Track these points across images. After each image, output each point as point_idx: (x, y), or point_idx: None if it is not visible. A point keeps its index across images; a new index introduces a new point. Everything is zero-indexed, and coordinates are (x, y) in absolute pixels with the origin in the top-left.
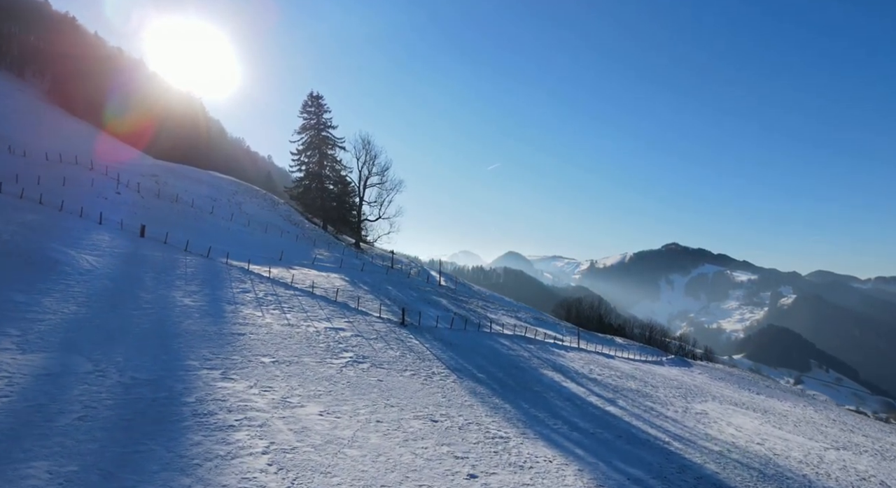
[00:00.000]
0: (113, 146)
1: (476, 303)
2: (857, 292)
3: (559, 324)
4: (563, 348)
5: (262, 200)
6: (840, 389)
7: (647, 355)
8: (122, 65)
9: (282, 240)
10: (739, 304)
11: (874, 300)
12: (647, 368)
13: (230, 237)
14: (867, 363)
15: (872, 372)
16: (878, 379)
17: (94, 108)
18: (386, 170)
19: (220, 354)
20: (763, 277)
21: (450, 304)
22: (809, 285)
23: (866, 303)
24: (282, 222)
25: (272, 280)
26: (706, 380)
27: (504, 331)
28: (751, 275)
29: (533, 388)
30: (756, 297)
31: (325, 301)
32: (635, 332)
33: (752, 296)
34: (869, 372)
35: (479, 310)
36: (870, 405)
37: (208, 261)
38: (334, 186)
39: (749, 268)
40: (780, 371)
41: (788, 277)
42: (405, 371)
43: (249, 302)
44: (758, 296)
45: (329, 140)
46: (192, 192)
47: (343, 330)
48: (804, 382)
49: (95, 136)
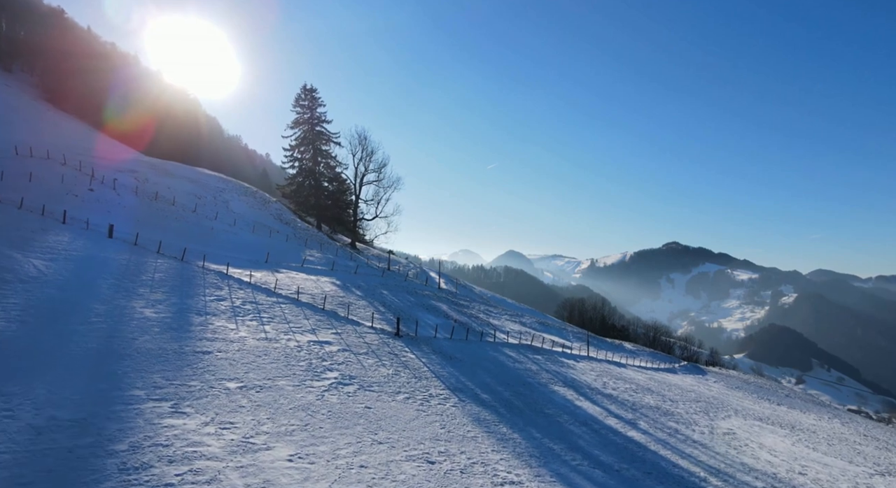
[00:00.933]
0: (100, 142)
1: (478, 307)
2: (857, 291)
3: (565, 330)
4: (572, 358)
5: (251, 198)
6: (842, 389)
7: (658, 362)
8: (115, 60)
9: (270, 241)
10: (740, 303)
11: (875, 299)
12: (661, 378)
13: (213, 237)
14: (869, 362)
15: (874, 371)
16: (880, 378)
17: (83, 104)
18: (383, 167)
19: (176, 379)
20: (764, 276)
21: (450, 310)
22: (810, 284)
23: (867, 301)
24: (272, 221)
25: (253, 285)
26: (723, 390)
27: (509, 339)
28: (751, 273)
29: (544, 410)
30: (757, 296)
31: (311, 309)
32: (639, 333)
33: (753, 295)
34: (870, 372)
35: (482, 316)
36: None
37: (182, 265)
38: (329, 184)
39: (750, 267)
40: (781, 370)
41: (789, 276)
42: (398, 393)
43: (223, 312)
44: (759, 294)
45: (323, 135)
46: (174, 189)
47: (329, 343)
48: (806, 381)
49: (82, 133)
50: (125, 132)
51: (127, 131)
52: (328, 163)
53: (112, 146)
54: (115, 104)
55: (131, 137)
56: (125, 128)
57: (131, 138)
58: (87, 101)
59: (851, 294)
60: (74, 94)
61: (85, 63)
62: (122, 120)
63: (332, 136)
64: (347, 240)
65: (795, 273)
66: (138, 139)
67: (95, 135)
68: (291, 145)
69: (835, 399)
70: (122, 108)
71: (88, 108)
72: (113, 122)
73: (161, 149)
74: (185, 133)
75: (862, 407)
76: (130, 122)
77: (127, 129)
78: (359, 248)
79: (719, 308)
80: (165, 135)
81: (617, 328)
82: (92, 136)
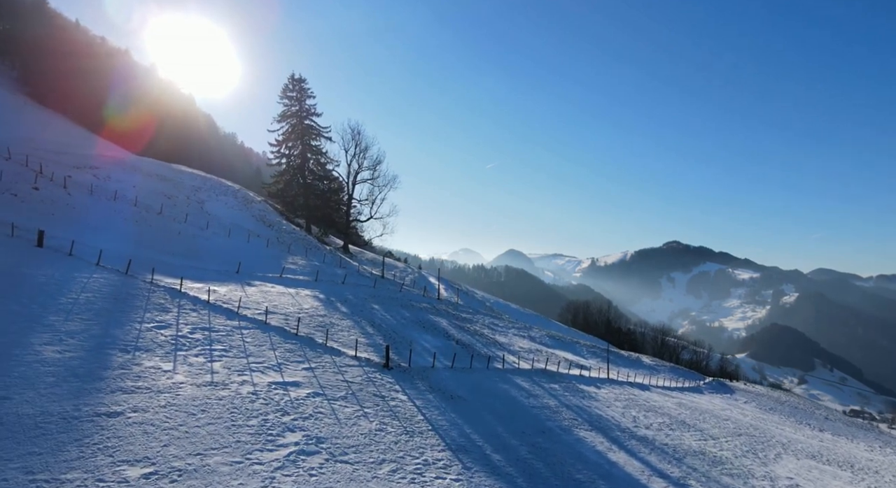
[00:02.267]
0: (80, 139)
1: (482, 320)
2: (859, 290)
3: (578, 343)
4: (592, 382)
5: (231, 198)
6: (844, 389)
7: (681, 379)
8: (105, 55)
9: (248, 247)
10: (741, 302)
11: (877, 298)
12: (691, 402)
13: (177, 243)
14: (871, 362)
15: (876, 370)
16: (882, 378)
17: (68, 100)
18: (378, 164)
19: (46, 468)
20: (765, 275)
21: (451, 327)
22: (811, 283)
23: (869, 301)
24: (253, 223)
25: (212, 305)
26: (758, 414)
27: (520, 363)
28: (752, 273)
29: (574, 476)
30: (758, 295)
31: (281, 335)
32: (647, 337)
33: (754, 295)
34: (872, 372)
35: (487, 332)
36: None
37: (124, 280)
38: (319, 182)
39: (751, 266)
40: (783, 370)
41: (790, 275)
42: (382, 463)
43: (161, 345)
44: (760, 294)
45: (313, 129)
46: (140, 188)
47: (297, 385)
48: (808, 381)
49: (62, 129)
50: (112, 129)
51: (114, 128)
52: (318, 159)
53: (92, 142)
54: (103, 100)
55: (118, 134)
56: (112, 124)
57: (118, 135)
58: (73, 96)
59: (853, 293)
60: (59, 89)
61: (71, 57)
62: (109, 116)
63: (323, 131)
64: (340, 243)
65: (797, 272)
66: (126, 136)
67: (77, 131)
68: (278, 140)
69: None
70: (111, 103)
71: (73, 103)
72: (99, 118)
73: (150, 146)
74: (176, 130)
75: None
76: (118, 118)
77: (114, 126)
78: (352, 252)
79: (720, 307)
80: (156, 131)
81: (622, 331)
82: (72, 133)
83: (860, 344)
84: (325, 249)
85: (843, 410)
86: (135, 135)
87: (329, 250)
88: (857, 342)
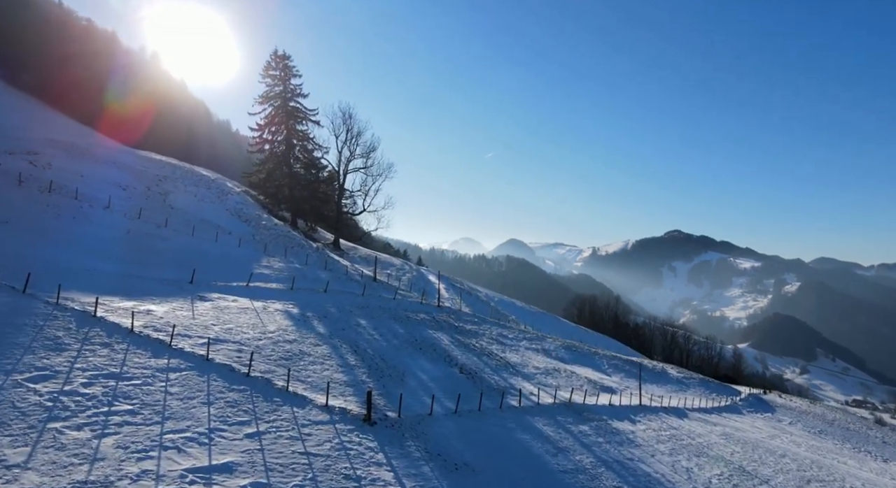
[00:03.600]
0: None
1: (489, 331)
2: (861, 279)
3: (597, 355)
4: (625, 415)
5: (204, 189)
6: (846, 379)
7: (713, 395)
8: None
9: (214, 247)
10: (743, 292)
11: (879, 287)
12: (735, 429)
13: (120, 245)
14: (873, 351)
15: (879, 360)
16: (885, 367)
17: (45, 83)
18: (372, 152)
19: None
20: (766, 264)
21: (453, 344)
22: (813, 272)
23: (871, 290)
24: (226, 219)
25: (136, 335)
26: (812, 442)
27: (539, 396)
28: (754, 262)
29: None
30: (759, 285)
31: (226, 377)
32: (656, 334)
33: (756, 284)
34: (875, 361)
35: (496, 350)
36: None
37: (18, 301)
38: (306, 171)
39: (752, 256)
40: (785, 360)
41: (792, 264)
42: None
43: (26, 412)
44: (761, 283)
45: (299, 112)
46: (88, 177)
47: (230, 471)
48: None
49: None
50: (92, 114)
51: (94, 113)
52: (305, 146)
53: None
54: (85, 83)
55: (97, 119)
56: (92, 109)
57: (97, 120)
58: (51, 79)
59: (854, 282)
60: (38, 70)
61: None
62: (90, 100)
63: (310, 114)
64: (331, 238)
65: (798, 261)
66: (108, 122)
67: (51, 115)
68: (259, 124)
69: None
70: (93, 87)
71: (51, 86)
72: (77, 103)
73: (134, 133)
74: (165, 116)
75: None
76: (99, 103)
77: (94, 111)
78: (343, 249)
79: (721, 296)
80: (141, 117)
81: (630, 326)
82: (44, 117)
83: (862, 333)
84: (312, 247)
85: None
86: (115, 120)
87: (316, 248)
88: (860, 331)
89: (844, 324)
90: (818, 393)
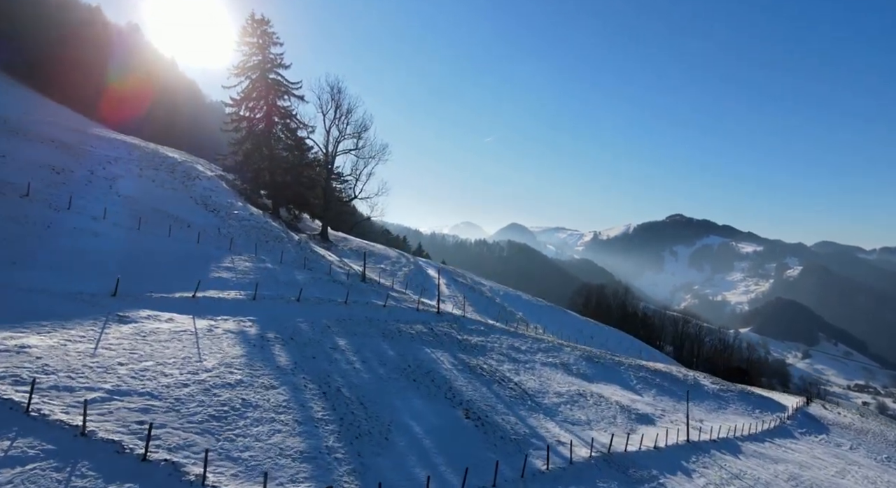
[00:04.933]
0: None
1: (498, 343)
2: (863, 263)
3: (621, 365)
4: (676, 463)
5: (165, 173)
6: (849, 363)
7: (757, 412)
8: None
9: (164, 244)
10: (744, 276)
11: (881, 271)
12: (800, 469)
13: (30, 244)
14: (876, 335)
15: (881, 344)
16: (887, 351)
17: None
18: (364, 131)
19: None
20: (768, 248)
21: (456, 369)
22: (815, 256)
23: (873, 273)
24: (188, 208)
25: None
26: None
27: (569, 445)
28: (756, 246)
29: None
30: (761, 269)
31: (100, 471)
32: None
33: (758, 268)
34: (877, 345)
35: (508, 372)
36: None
37: None
38: (289, 152)
39: (754, 240)
40: (787, 344)
41: (794, 248)
42: None
43: None
44: (763, 267)
45: (280, 85)
46: (14, 159)
47: None
48: (812, 356)
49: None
50: (67, 92)
51: (69, 90)
52: (288, 124)
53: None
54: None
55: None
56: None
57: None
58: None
59: (857, 266)
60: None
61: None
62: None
63: (292, 87)
64: (318, 229)
65: (800, 245)
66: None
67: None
68: (235, 99)
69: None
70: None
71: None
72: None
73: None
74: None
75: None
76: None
77: (70, 88)
78: (332, 240)
79: (723, 281)
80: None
81: (638, 316)
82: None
83: (865, 317)
84: (293, 240)
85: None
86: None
87: (298, 241)
88: (862, 315)
89: (846, 308)
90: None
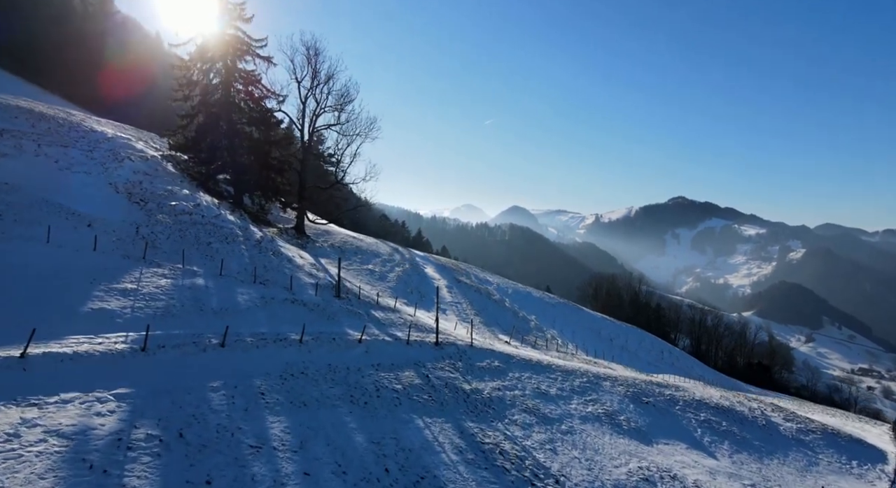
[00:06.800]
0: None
1: (521, 388)
2: (866, 245)
3: (675, 405)
4: None
5: (80, 151)
6: (852, 347)
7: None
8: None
9: (32, 253)
10: (747, 259)
11: (884, 254)
12: None
13: None
14: (880, 318)
15: (885, 327)
16: (891, 334)
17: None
18: (348, 103)
19: None
20: (771, 231)
21: (464, 461)
22: (818, 238)
23: (876, 256)
24: (102, 199)
25: None
26: None
27: None
28: (759, 228)
29: None
30: (764, 251)
31: None
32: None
33: (760, 251)
34: (881, 329)
35: (541, 454)
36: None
37: None
38: (253, 127)
39: (757, 222)
40: (790, 328)
41: (797, 231)
42: None
43: None
44: (766, 250)
45: (240, 43)
46: None
47: None
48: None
49: None
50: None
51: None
52: (252, 92)
53: None
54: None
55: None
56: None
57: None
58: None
59: (860, 248)
60: None
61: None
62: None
63: (255, 45)
64: (291, 222)
65: (803, 227)
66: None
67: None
68: (184, 61)
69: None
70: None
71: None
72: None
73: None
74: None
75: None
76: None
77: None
78: (310, 234)
79: (725, 264)
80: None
81: (652, 308)
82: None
83: (868, 300)
84: (253, 238)
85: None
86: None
87: (261, 238)
88: (866, 298)
89: (850, 291)
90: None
